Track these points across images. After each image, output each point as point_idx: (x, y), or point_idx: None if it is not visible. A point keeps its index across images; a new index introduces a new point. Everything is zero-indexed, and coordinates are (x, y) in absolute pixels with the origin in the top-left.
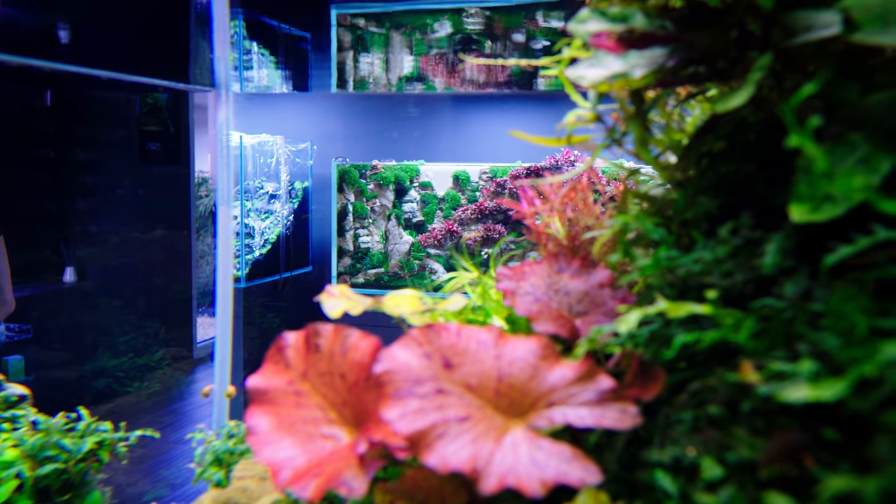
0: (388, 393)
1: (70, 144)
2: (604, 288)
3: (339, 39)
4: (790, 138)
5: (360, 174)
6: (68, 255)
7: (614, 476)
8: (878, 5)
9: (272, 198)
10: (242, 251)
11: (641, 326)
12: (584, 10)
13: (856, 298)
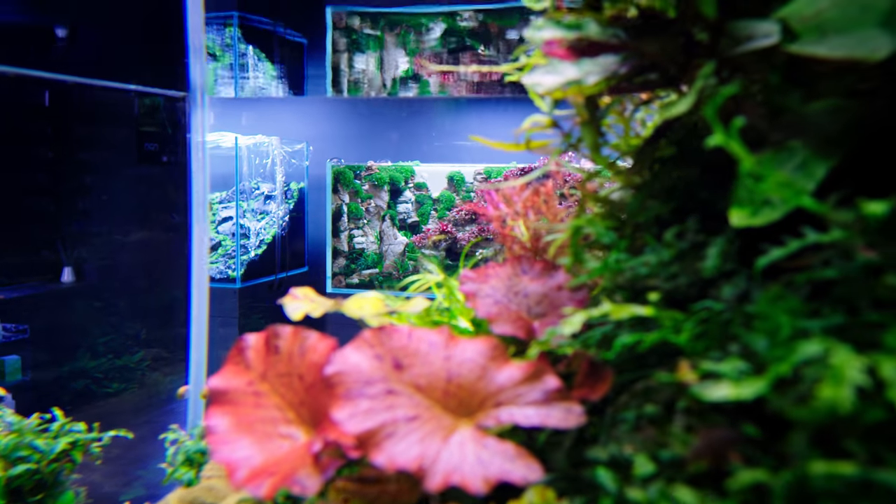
0: (339, 394)
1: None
2: (562, 290)
3: (334, 41)
4: (713, 137)
5: (354, 175)
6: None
7: (563, 474)
8: (814, 16)
9: (268, 198)
10: (238, 252)
11: (595, 328)
12: (540, 19)
13: (783, 300)
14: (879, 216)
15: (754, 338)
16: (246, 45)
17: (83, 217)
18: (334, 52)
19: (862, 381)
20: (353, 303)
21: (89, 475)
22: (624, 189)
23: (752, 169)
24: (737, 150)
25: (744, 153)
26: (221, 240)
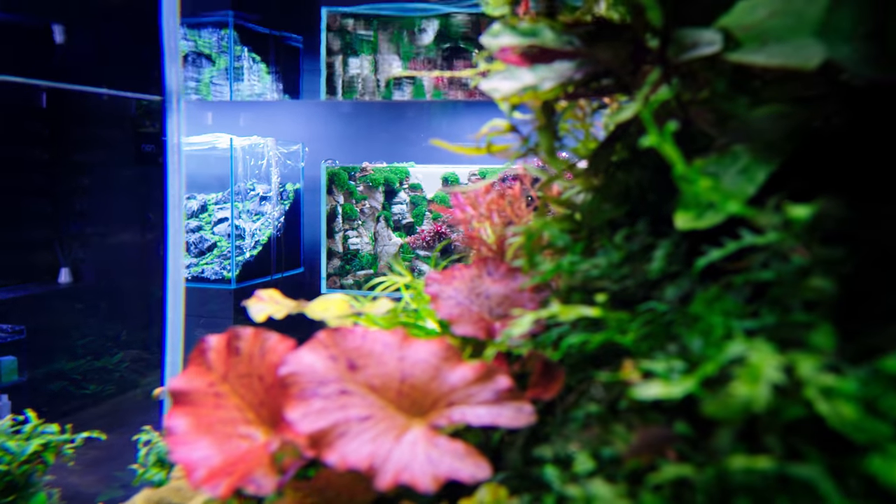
0: (293, 394)
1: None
2: (524, 292)
3: (328, 43)
4: (647, 138)
5: (349, 176)
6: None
7: (517, 472)
8: (755, 25)
9: (263, 199)
10: (233, 253)
11: (552, 329)
12: (496, 25)
13: (719, 301)
14: (803, 220)
15: (691, 338)
16: (241, 48)
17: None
18: (328, 54)
19: (778, 379)
20: (318, 304)
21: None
22: (584, 192)
23: (683, 172)
24: (669, 153)
25: (676, 156)
26: (217, 241)
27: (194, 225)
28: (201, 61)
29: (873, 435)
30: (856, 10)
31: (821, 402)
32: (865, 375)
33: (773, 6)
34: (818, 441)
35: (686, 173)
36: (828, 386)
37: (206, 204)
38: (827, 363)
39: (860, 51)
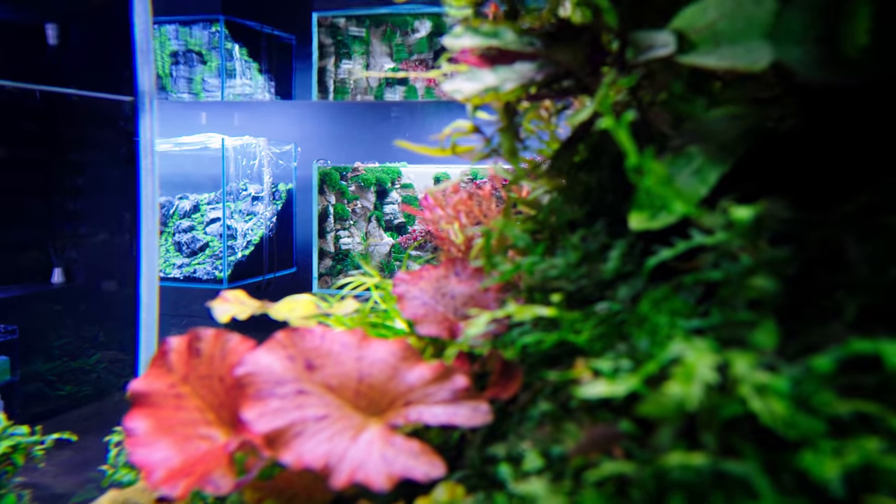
0: (249, 394)
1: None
2: (489, 292)
3: (320, 44)
4: (602, 121)
5: (340, 176)
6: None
7: (476, 471)
8: (707, 27)
9: (255, 199)
10: (225, 253)
11: (514, 329)
12: (458, 27)
13: (667, 301)
14: (746, 221)
15: (639, 338)
16: (233, 45)
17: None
18: (320, 55)
19: (712, 377)
20: (283, 305)
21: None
22: (548, 193)
23: (636, 163)
24: (623, 140)
25: (629, 144)
26: (209, 241)
27: (186, 225)
28: (192, 60)
29: (805, 431)
30: (806, 13)
31: (754, 400)
32: (799, 373)
33: (722, 9)
34: (760, 438)
35: (639, 164)
36: (761, 383)
37: (199, 204)
38: (763, 361)
39: (811, 54)
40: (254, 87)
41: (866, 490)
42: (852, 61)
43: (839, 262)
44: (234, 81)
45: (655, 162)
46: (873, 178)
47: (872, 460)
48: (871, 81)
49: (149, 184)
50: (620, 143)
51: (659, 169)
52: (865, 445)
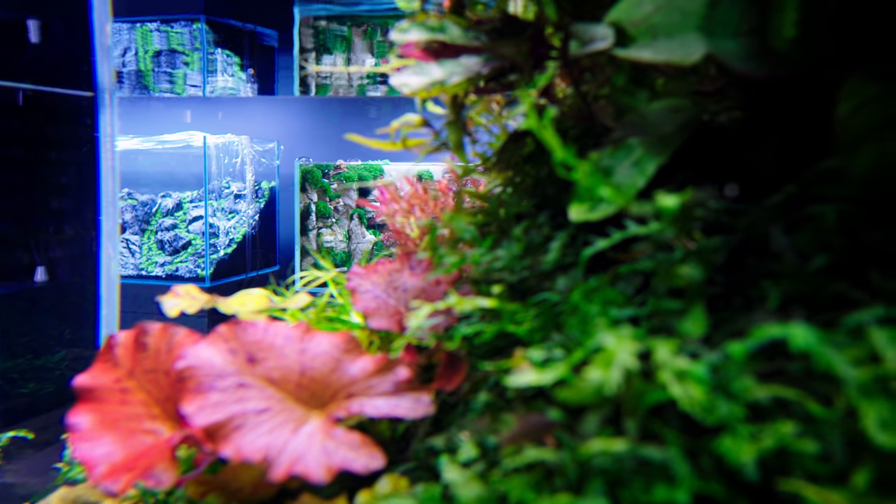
0: (190, 388)
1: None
2: (440, 285)
3: (301, 41)
4: (526, 121)
5: (323, 174)
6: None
7: (420, 462)
8: (643, 20)
9: (237, 197)
10: (207, 251)
11: (462, 321)
12: (405, 21)
13: (600, 291)
14: (671, 210)
15: (571, 327)
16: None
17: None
18: (302, 52)
19: (632, 364)
20: (235, 299)
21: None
22: (500, 185)
23: (563, 158)
24: (548, 138)
25: (555, 141)
26: (192, 239)
27: (169, 223)
28: (174, 58)
29: (724, 416)
30: (740, 5)
31: (674, 386)
32: (719, 360)
33: (657, 2)
34: (687, 425)
35: (565, 159)
36: (681, 370)
37: (182, 202)
38: (687, 348)
39: (745, 46)
40: (236, 85)
41: (780, 473)
42: (781, 54)
43: (768, 251)
44: (215, 79)
45: (594, 160)
46: (802, 168)
47: (787, 444)
48: (800, 73)
49: (109, 179)
50: (545, 141)
51: (585, 163)
52: (781, 430)
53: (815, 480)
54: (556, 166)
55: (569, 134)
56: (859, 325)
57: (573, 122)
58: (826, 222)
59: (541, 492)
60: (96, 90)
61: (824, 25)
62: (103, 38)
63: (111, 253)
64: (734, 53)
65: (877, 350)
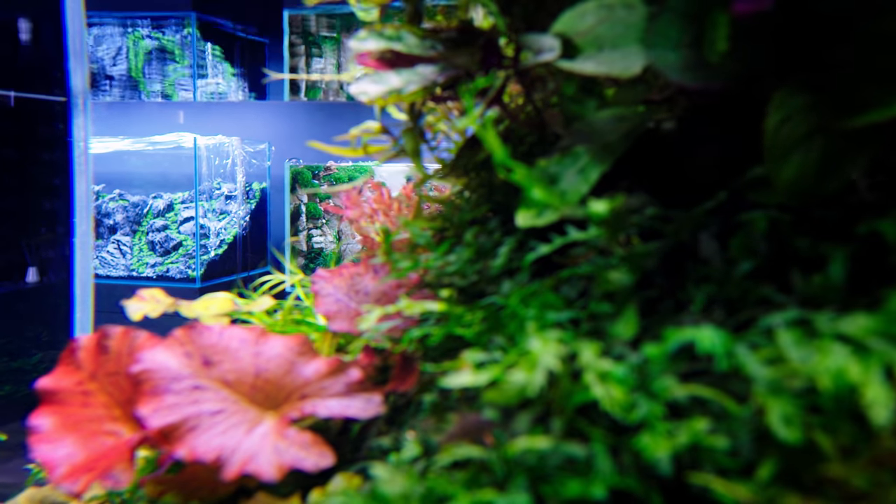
0: (145, 390)
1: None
2: (401, 289)
3: (291, 44)
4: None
5: (313, 175)
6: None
7: (375, 461)
8: (587, 31)
9: (228, 198)
10: (198, 252)
11: (420, 324)
12: (363, 30)
13: (538, 295)
14: (601, 216)
15: (510, 330)
16: (204, 45)
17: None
18: (292, 55)
19: (555, 366)
20: (201, 303)
21: None
22: (458, 191)
23: (502, 160)
24: (490, 141)
25: (495, 143)
26: (183, 240)
27: (160, 224)
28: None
29: (643, 415)
30: (680, 19)
31: (597, 386)
32: (640, 361)
33: (599, 14)
34: (615, 423)
35: (504, 161)
36: (603, 371)
37: (173, 203)
38: (614, 351)
39: (685, 58)
40: (226, 87)
41: (693, 468)
42: (715, 66)
43: (689, 256)
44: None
45: (542, 167)
46: (737, 177)
47: (700, 440)
48: (734, 85)
49: (82, 183)
50: (485, 142)
51: (523, 166)
52: (695, 426)
53: (724, 474)
54: (497, 168)
55: (525, 141)
56: (770, 327)
57: (528, 129)
58: (756, 228)
59: (470, 488)
60: (70, 95)
61: (755, 39)
62: (77, 42)
63: (86, 255)
64: (674, 65)
65: (782, 351)
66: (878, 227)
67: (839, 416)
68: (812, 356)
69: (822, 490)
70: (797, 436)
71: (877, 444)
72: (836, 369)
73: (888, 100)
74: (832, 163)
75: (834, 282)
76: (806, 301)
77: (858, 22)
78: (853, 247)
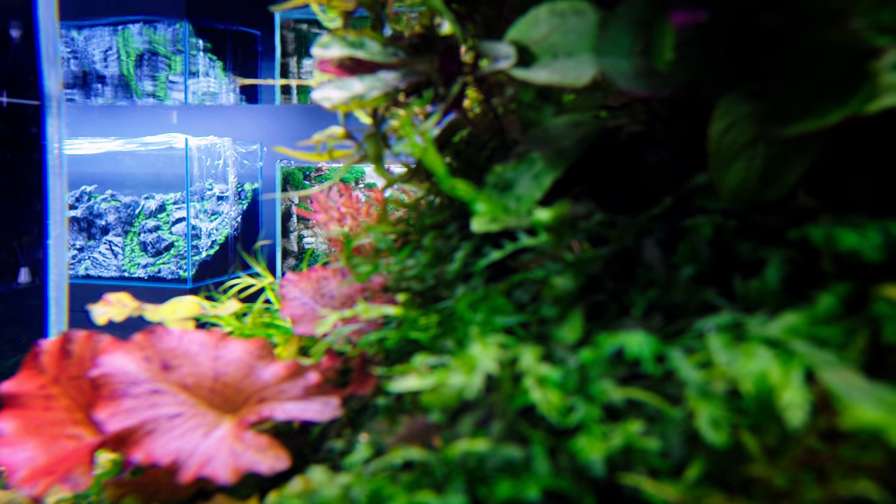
0: (103, 395)
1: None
2: (366, 292)
3: (282, 43)
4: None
5: (304, 176)
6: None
7: (333, 463)
8: (542, 39)
9: (220, 199)
10: (189, 252)
11: (384, 327)
12: (325, 36)
13: (487, 299)
14: (544, 223)
15: (460, 334)
16: (197, 46)
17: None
18: (283, 55)
19: (493, 369)
20: (166, 307)
21: None
22: (422, 196)
23: (443, 179)
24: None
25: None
26: (174, 240)
27: (152, 225)
28: (157, 61)
29: (582, 418)
30: (630, 27)
31: (535, 390)
32: (578, 365)
33: (552, 21)
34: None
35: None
36: (541, 375)
37: (165, 204)
38: (557, 355)
39: (637, 66)
40: (219, 88)
41: (625, 469)
42: (664, 74)
43: (632, 260)
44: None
45: (498, 172)
46: (685, 182)
47: (633, 442)
48: (681, 93)
49: (57, 186)
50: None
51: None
52: (629, 429)
53: (655, 475)
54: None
55: (488, 146)
56: (702, 331)
57: (490, 136)
58: (701, 234)
59: (412, 490)
60: (43, 98)
61: (702, 48)
62: (50, 45)
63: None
64: (626, 73)
65: (711, 354)
66: (808, 232)
67: (763, 417)
68: (737, 359)
69: (748, 489)
70: (724, 439)
71: (799, 445)
72: (758, 372)
73: (821, 109)
74: (774, 170)
75: (770, 286)
76: (745, 305)
77: (792, 33)
78: (791, 252)
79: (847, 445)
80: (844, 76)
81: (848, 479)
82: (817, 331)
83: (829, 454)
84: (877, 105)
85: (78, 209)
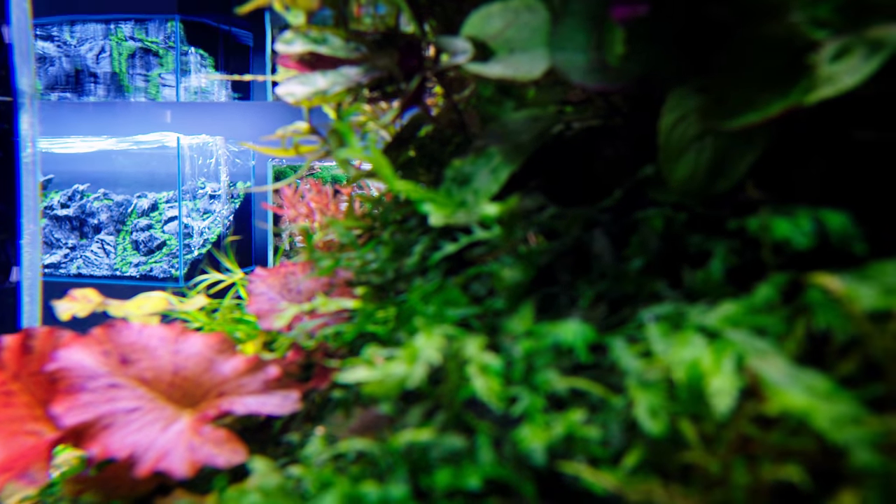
0: (60, 389)
1: None
2: (333, 287)
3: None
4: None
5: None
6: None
7: (292, 457)
8: (497, 35)
9: (212, 198)
10: (181, 251)
11: (348, 321)
12: (289, 32)
13: (441, 292)
14: (492, 217)
15: (412, 326)
16: (188, 46)
17: None
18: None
19: (436, 359)
20: (132, 302)
21: None
22: (386, 190)
23: (390, 182)
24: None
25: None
26: (167, 239)
27: (144, 224)
28: (149, 59)
29: (524, 407)
30: (583, 23)
31: (477, 378)
32: (521, 356)
33: (505, 17)
34: (502, 416)
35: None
36: (483, 364)
37: (157, 202)
38: (504, 346)
39: (591, 61)
40: (210, 85)
41: (566, 457)
42: (616, 69)
43: (580, 254)
44: (189, 79)
45: (457, 166)
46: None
47: (574, 431)
48: (632, 87)
49: (29, 183)
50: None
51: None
52: (570, 418)
53: (595, 463)
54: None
55: (452, 142)
56: (642, 321)
57: (452, 131)
58: (651, 226)
59: (358, 481)
60: (15, 94)
61: (654, 42)
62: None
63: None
64: (579, 68)
65: (649, 344)
66: (745, 223)
67: (695, 405)
68: (673, 347)
69: (685, 476)
70: (661, 427)
71: (732, 431)
72: (690, 360)
73: (762, 102)
74: (722, 163)
75: (714, 277)
76: (691, 295)
77: (735, 27)
78: (736, 243)
79: (777, 431)
80: (784, 69)
81: (774, 465)
82: (755, 320)
83: (760, 441)
84: (815, 96)
85: (70, 208)
